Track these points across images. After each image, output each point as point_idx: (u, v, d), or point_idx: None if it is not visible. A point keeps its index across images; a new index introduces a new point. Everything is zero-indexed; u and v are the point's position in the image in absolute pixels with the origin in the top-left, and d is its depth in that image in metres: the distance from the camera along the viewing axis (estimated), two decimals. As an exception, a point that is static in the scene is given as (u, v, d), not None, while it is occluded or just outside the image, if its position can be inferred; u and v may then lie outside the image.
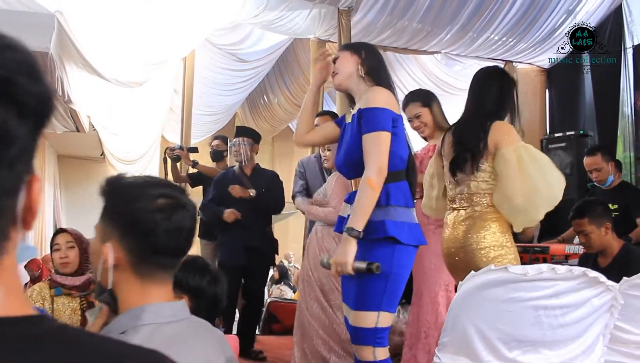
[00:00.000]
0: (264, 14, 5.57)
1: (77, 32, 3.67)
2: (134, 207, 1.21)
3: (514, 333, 1.91)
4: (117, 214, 1.22)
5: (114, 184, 1.26)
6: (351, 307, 2.13)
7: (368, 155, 2.05)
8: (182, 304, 1.29)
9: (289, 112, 9.07)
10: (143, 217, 1.20)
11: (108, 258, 1.21)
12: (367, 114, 2.08)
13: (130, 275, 1.22)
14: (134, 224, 1.21)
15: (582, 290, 1.93)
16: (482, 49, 6.73)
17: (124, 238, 1.21)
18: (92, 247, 1.30)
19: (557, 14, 6.22)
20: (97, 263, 1.23)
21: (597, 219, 3.12)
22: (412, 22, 6.05)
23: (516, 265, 1.94)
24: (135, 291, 1.23)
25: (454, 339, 1.97)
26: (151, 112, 6.59)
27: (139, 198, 1.22)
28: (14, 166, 0.52)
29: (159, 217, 1.21)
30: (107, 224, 1.23)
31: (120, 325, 1.20)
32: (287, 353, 4.20)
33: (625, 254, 3.10)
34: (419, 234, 2.16)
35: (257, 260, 4.21)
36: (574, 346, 1.96)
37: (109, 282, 1.22)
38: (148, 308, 1.20)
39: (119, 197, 1.23)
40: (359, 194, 2.05)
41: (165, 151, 4.89)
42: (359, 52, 2.23)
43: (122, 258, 1.21)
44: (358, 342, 2.11)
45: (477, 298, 1.93)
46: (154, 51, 4.98)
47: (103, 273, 1.22)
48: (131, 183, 1.27)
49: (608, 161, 4.30)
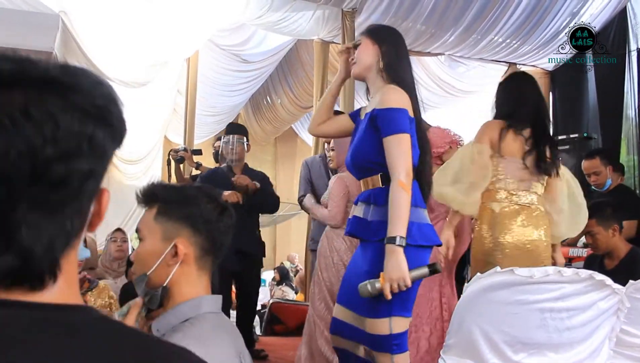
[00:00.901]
0: (267, 15, 5.57)
1: (81, 32, 3.67)
2: (201, 208, 1.38)
3: (519, 336, 1.90)
4: (185, 215, 1.38)
5: (169, 188, 1.46)
6: (364, 315, 2.02)
7: (393, 158, 1.96)
8: (218, 297, 1.43)
9: (292, 114, 9.07)
10: (210, 217, 1.39)
11: (180, 254, 1.35)
12: (385, 115, 2.00)
13: (192, 269, 1.39)
14: (205, 223, 1.38)
15: (588, 293, 1.92)
16: (485, 51, 6.72)
17: (194, 235, 1.37)
18: (149, 248, 1.38)
19: (561, 16, 6.20)
20: (155, 261, 1.36)
21: (605, 221, 3.12)
22: (416, 23, 6.04)
23: (522, 268, 1.93)
24: (193, 283, 1.39)
25: (459, 341, 1.96)
26: (154, 112, 6.60)
27: (200, 200, 1.40)
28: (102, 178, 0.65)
29: (220, 216, 1.40)
30: (173, 224, 1.38)
31: (182, 314, 1.34)
32: (289, 354, 4.18)
33: (633, 257, 3.09)
34: (430, 234, 2.03)
35: (248, 263, 4.08)
36: (580, 349, 1.95)
37: (169, 277, 1.36)
38: (205, 298, 1.38)
39: (184, 199, 1.40)
40: (392, 200, 1.94)
41: (169, 153, 4.88)
42: (381, 42, 2.12)
43: (190, 253, 1.37)
44: (375, 348, 2.02)
45: (483, 301, 1.92)
46: (158, 52, 4.99)
47: (162, 269, 1.36)
48: (185, 187, 1.49)
49: (606, 164, 4.28)
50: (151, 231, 1.39)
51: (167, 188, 1.45)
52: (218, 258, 1.45)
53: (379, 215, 2.01)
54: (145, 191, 1.43)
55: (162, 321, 1.36)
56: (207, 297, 1.39)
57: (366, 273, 2.00)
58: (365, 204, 2.09)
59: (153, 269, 1.36)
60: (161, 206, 1.40)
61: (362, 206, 2.10)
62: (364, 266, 2.03)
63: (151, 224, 1.39)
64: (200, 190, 1.45)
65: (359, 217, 2.09)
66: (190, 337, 1.26)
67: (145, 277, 1.37)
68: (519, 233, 2.47)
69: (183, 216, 1.38)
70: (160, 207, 1.40)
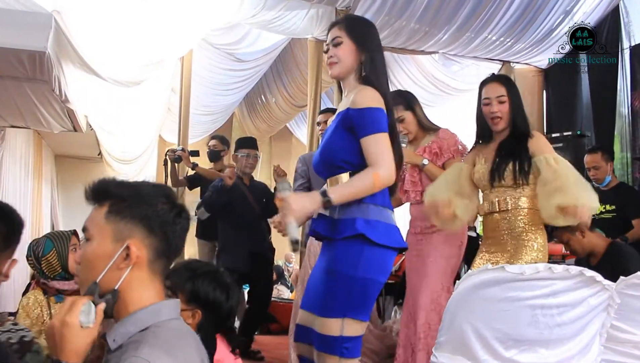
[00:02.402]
0: (261, 14, 5.56)
1: (75, 32, 3.65)
2: (157, 208, 1.29)
3: (510, 333, 1.91)
4: (140, 214, 1.28)
5: (123, 185, 1.31)
6: (317, 313, 1.96)
7: (376, 155, 1.93)
8: (177, 302, 1.35)
9: (287, 112, 9.06)
10: (167, 218, 1.29)
11: (132, 256, 1.25)
12: (364, 115, 1.97)
13: (144, 272, 1.28)
14: (161, 224, 1.29)
15: (578, 289, 1.93)
16: (479, 49, 6.73)
17: (148, 237, 1.28)
18: (97, 249, 1.27)
19: (555, 14, 6.23)
20: (104, 264, 1.25)
21: (569, 227, 3.21)
22: (409, 22, 6.04)
23: (513, 265, 1.94)
24: (148, 288, 1.28)
25: (451, 338, 1.97)
26: (149, 112, 6.58)
27: (156, 200, 1.30)
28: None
29: (176, 218, 1.31)
30: (126, 224, 1.27)
31: (141, 322, 1.24)
32: (284, 353, 4.20)
33: (612, 250, 3.17)
34: (397, 236, 2.01)
35: (260, 265, 4.29)
36: (571, 345, 1.96)
37: (119, 281, 1.25)
38: (164, 304, 1.29)
39: (139, 198, 1.29)
40: (359, 177, 1.93)
41: (166, 153, 4.89)
42: (363, 46, 2.11)
43: (143, 256, 1.27)
44: (324, 349, 1.93)
45: (474, 298, 1.94)
46: (152, 51, 4.97)
47: (113, 272, 1.25)
48: (141, 185, 1.34)
49: (607, 161, 4.41)
50: (101, 230, 1.28)
51: (121, 185, 1.32)
52: (171, 262, 1.36)
53: (345, 213, 1.97)
54: (96, 187, 1.31)
55: (119, 330, 1.26)
56: (166, 302, 1.30)
57: (326, 271, 1.96)
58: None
59: (103, 274, 1.25)
60: (113, 204, 1.29)
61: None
62: (325, 265, 1.99)
63: (101, 223, 1.28)
64: (157, 188, 1.35)
65: (324, 215, 2.03)
66: (158, 348, 1.18)
67: (96, 286, 1.25)
68: None
69: (137, 215, 1.28)
70: (112, 205, 1.29)
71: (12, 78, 3.74)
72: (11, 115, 4.36)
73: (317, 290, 2.01)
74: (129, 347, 1.20)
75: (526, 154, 2.63)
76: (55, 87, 3.59)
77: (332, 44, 2.14)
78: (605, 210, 4.44)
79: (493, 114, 2.67)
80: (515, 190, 2.64)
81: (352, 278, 1.91)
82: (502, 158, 2.65)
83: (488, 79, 2.80)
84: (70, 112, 4.21)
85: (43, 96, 3.99)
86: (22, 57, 3.44)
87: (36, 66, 3.48)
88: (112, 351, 1.25)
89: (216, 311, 1.84)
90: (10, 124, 4.74)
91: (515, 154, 2.63)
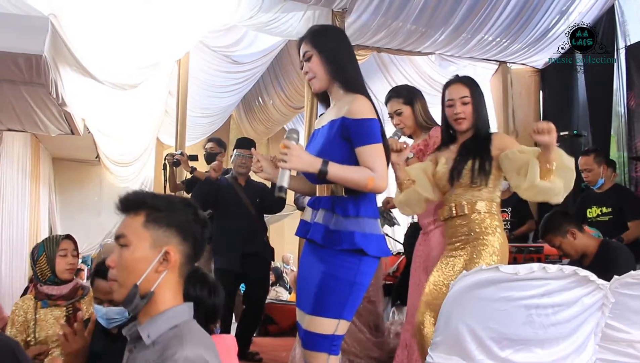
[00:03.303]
0: (258, 16, 5.58)
1: (71, 35, 3.66)
2: (189, 219, 1.45)
3: (505, 332, 1.92)
4: (175, 223, 1.44)
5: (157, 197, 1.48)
6: (307, 311, 2.06)
7: (373, 165, 2.00)
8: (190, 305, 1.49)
9: (284, 114, 9.07)
10: (196, 227, 1.46)
11: (171, 261, 1.41)
12: (361, 125, 2.02)
13: (175, 276, 1.44)
14: (191, 232, 1.45)
15: (573, 288, 1.94)
16: (476, 49, 6.75)
17: (181, 244, 1.44)
18: (137, 254, 1.40)
19: (551, 14, 6.25)
20: (144, 267, 1.39)
21: (558, 230, 3.26)
22: (406, 23, 6.06)
23: (507, 265, 1.95)
24: (175, 290, 1.44)
25: (446, 339, 1.98)
26: (146, 114, 6.59)
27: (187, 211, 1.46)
28: None
29: (203, 229, 1.48)
30: (164, 231, 1.42)
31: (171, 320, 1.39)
32: (283, 355, 4.20)
33: (604, 249, 3.19)
34: (384, 246, 2.14)
35: (255, 266, 4.27)
36: (566, 345, 1.97)
37: (156, 283, 1.40)
38: (187, 306, 1.45)
39: (174, 209, 1.45)
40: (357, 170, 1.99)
41: (165, 157, 4.90)
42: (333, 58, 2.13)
43: (177, 261, 1.43)
44: (311, 347, 2.04)
45: (469, 298, 1.94)
46: (148, 53, 4.98)
47: (151, 275, 1.40)
48: (172, 197, 1.54)
49: (600, 163, 4.44)
50: (139, 237, 1.40)
51: (156, 197, 1.47)
52: (191, 268, 1.52)
53: (343, 225, 2.05)
54: (132, 198, 1.45)
55: (152, 326, 1.39)
56: (187, 304, 1.46)
57: (324, 273, 2.04)
58: (327, 211, 2.10)
59: (144, 276, 1.38)
60: (150, 213, 1.43)
61: (323, 213, 2.10)
62: (322, 268, 2.05)
63: (139, 230, 1.41)
64: (185, 201, 1.50)
65: (320, 224, 2.09)
66: (198, 344, 1.33)
67: (137, 288, 1.38)
68: None
69: (174, 224, 1.43)
70: (149, 214, 1.42)
71: (9, 82, 3.74)
72: (8, 118, 4.36)
73: (313, 290, 2.06)
74: (171, 342, 1.33)
75: (487, 154, 2.59)
76: (52, 90, 3.60)
77: (305, 60, 2.18)
78: (602, 213, 4.47)
79: (457, 115, 2.66)
80: (473, 192, 2.59)
81: (352, 284, 2.03)
82: (462, 157, 2.62)
83: (451, 81, 2.77)
84: (68, 115, 4.22)
85: (40, 99, 4.00)
86: (19, 60, 3.45)
87: (33, 70, 3.48)
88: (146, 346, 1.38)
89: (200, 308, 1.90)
90: (7, 128, 4.74)
91: (476, 153, 2.60)
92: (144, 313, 1.41)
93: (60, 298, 2.70)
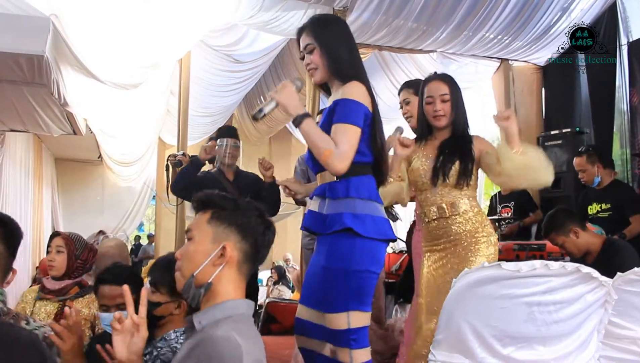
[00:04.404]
0: (259, 15, 5.57)
1: (73, 35, 3.66)
2: (251, 220, 1.57)
3: (507, 330, 1.91)
4: (236, 222, 1.56)
5: (224, 198, 1.60)
6: (324, 311, 2.03)
7: (339, 143, 1.98)
8: (252, 304, 1.59)
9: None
10: (258, 229, 1.58)
11: (227, 256, 1.52)
12: (341, 104, 2.03)
13: (233, 271, 1.54)
14: (253, 233, 1.57)
15: (575, 285, 1.94)
16: (477, 47, 6.73)
17: (240, 242, 1.55)
18: (199, 247, 1.54)
19: (552, 11, 6.22)
20: (203, 260, 1.51)
21: (562, 228, 3.23)
22: (407, 21, 6.05)
23: (509, 262, 1.95)
24: (234, 285, 1.54)
25: (448, 336, 1.97)
26: (148, 114, 6.60)
27: (251, 213, 1.58)
28: None
29: (266, 230, 1.59)
30: (224, 229, 1.55)
31: (226, 310, 1.50)
32: (286, 353, 4.20)
33: (608, 247, 3.17)
34: (385, 228, 2.06)
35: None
36: (569, 342, 1.97)
37: (213, 275, 1.51)
38: (245, 301, 1.56)
39: (237, 209, 1.58)
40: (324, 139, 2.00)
41: (167, 158, 4.90)
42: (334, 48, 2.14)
43: (234, 257, 1.54)
44: (336, 343, 2.02)
45: (470, 295, 1.94)
46: (150, 53, 4.99)
47: (209, 268, 1.51)
48: (239, 199, 1.63)
49: (593, 163, 4.48)
50: (202, 232, 1.55)
51: (223, 197, 1.61)
52: (256, 267, 1.64)
53: (333, 208, 2.03)
54: (203, 198, 1.61)
55: (207, 314, 1.50)
56: (246, 301, 1.56)
57: (323, 268, 2.02)
58: (320, 198, 2.10)
59: (201, 268, 1.51)
60: (215, 211, 1.57)
61: (318, 201, 2.10)
62: (321, 262, 2.04)
63: (204, 226, 1.56)
64: (251, 204, 1.63)
65: (314, 211, 2.09)
66: (233, 330, 1.41)
67: (193, 277, 1.51)
68: None
69: (234, 223, 1.56)
70: (214, 212, 1.57)
71: (11, 82, 3.75)
72: (10, 119, 4.38)
73: (316, 287, 2.06)
74: (208, 327, 1.45)
75: (470, 155, 2.61)
76: (54, 90, 3.60)
77: (306, 52, 2.19)
78: (601, 209, 4.47)
79: (436, 112, 2.66)
80: (458, 192, 2.60)
81: (347, 272, 1.97)
82: (447, 157, 2.62)
83: (431, 78, 2.76)
84: (70, 115, 4.23)
85: (42, 99, 4.01)
86: (21, 61, 3.45)
87: (35, 70, 3.49)
88: (195, 332, 1.49)
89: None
90: (9, 128, 4.76)
91: (461, 154, 2.61)
92: (204, 303, 1.53)
93: (51, 292, 2.72)
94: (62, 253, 2.75)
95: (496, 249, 2.61)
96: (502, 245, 4.33)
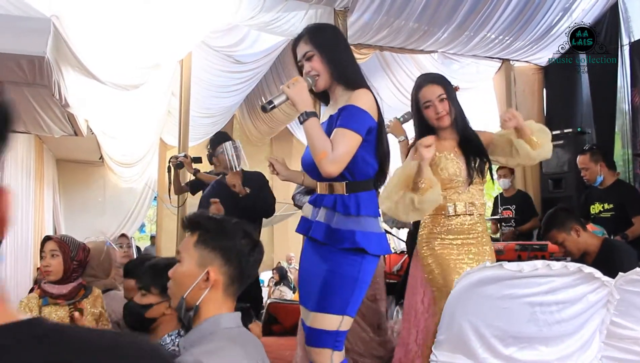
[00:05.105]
0: (259, 16, 5.57)
1: (73, 36, 3.66)
2: (236, 242, 1.56)
3: (510, 330, 1.91)
4: (220, 246, 1.55)
5: (210, 220, 1.61)
6: (311, 308, 2.09)
7: (336, 147, 2.00)
8: (238, 314, 1.60)
9: (287, 114, 9.06)
10: (243, 251, 1.57)
11: (211, 280, 1.52)
12: (348, 109, 2.05)
13: (219, 294, 1.55)
14: (237, 256, 1.56)
15: (577, 286, 1.93)
16: (479, 47, 6.73)
17: (225, 266, 1.55)
18: (186, 270, 1.55)
19: (553, 12, 6.22)
20: (190, 283, 1.53)
21: (563, 226, 3.21)
22: (408, 21, 6.04)
23: (511, 262, 1.94)
24: (221, 308, 1.55)
25: (450, 337, 1.97)
26: (149, 115, 6.59)
27: (236, 234, 1.57)
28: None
29: (251, 251, 1.59)
30: (209, 253, 1.55)
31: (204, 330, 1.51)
32: (287, 354, 4.19)
33: (607, 247, 3.15)
34: (385, 244, 2.16)
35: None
36: (571, 342, 1.96)
37: (200, 299, 1.52)
38: (223, 316, 1.54)
39: (222, 232, 1.57)
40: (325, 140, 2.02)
41: (169, 160, 4.89)
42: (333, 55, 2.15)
43: (219, 281, 1.54)
44: (315, 344, 2.07)
45: (472, 296, 1.94)
46: (150, 54, 4.98)
47: (196, 291, 1.53)
48: (225, 220, 1.63)
49: (597, 161, 4.46)
50: (190, 255, 1.57)
51: (209, 219, 1.62)
52: (244, 287, 1.63)
53: (343, 224, 2.06)
54: (191, 219, 1.62)
55: (189, 338, 1.53)
56: (225, 315, 1.55)
57: (327, 270, 2.06)
58: (329, 210, 2.11)
59: (188, 292, 1.53)
60: (201, 234, 1.57)
61: (325, 212, 2.11)
62: (325, 265, 2.07)
63: (191, 249, 1.57)
64: (237, 225, 1.61)
65: (321, 222, 2.11)
66: (207, 350, 1.42)
67: (183, 300, 1.54)
68: None
69: (218, 247, 1.56)
70: (200, 235, 1.57)
71: (12, 83, 3.74)
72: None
73: (317, 287, 2.08)
74: (187, 349, 1.47)
75: (486, 153, 2.69)
76: (55, 91, 3.60)
77: (305, 59, 2.19)
78: (604, 209, 4.45)
79: (439, 114, 2.67)
80: (479, 189, 2.68)
81: (355, 281, 2.05)
82: (474, 156, 2.67)
83: (422, 83, 2.74)
84: (71, 116, 4.23)
85: (43, 100, 4.00)
86: (22, 62, 3.45)
87: (35, 71, 3.49)
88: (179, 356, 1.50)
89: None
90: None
91: (482, 152, 2.68)
92: (194, 323, 1.55)
93: (60, 297, 2.72)
94: (57, 256, 2.74)
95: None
96: (504, 245, 4.32)
